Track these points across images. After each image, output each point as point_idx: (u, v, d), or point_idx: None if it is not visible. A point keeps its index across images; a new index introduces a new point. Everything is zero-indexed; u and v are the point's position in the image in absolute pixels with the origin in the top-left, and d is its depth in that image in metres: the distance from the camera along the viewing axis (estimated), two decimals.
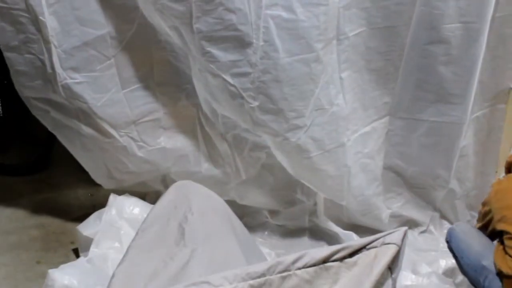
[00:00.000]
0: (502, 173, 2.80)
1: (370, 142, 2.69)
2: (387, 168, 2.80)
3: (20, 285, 2.60)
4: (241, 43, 2.28)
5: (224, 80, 2.35)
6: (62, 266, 2.31)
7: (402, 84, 2.58)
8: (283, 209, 2.95)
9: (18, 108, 3.36)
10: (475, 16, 2.39)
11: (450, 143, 2.67)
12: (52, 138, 3.38)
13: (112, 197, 2.71)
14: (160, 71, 2.60)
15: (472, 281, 2.30)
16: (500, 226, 2.18)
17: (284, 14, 2.24)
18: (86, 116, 2.54)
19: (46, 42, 2.31)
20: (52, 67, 2.36)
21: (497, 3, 2.41)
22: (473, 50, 2.46)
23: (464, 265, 2.31)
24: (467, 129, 2.65)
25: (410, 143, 2.69)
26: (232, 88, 2.37)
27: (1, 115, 3.31)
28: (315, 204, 2.90)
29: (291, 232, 2.95)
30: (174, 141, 2.75)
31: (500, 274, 2.12)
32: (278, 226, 2.97)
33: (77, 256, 2.67)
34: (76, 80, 2.39)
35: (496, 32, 2.49)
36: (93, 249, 2.47)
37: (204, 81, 2.46)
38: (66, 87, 2.40)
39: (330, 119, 2.50)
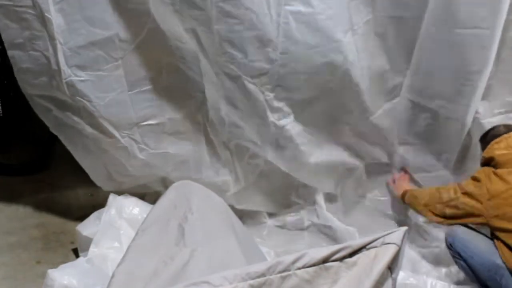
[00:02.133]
0: None
1: (386, 121, 2.74)
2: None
3: (20, 285, 2.60)
4: (261, 41, 2.31)
5: (245, 79, 2.39)
6: (61, 266, 2.31)
7: (414, 71, 2.59)
8: (280, 211, 2.97)
9: (18, 108, 3.37)
10: (487, 23, 2.37)
11: (452, 136, 2.69)
12: (52, 138, 3.38)
13: (112, 197, 2.71)
14: (168, 77, 2.59)
15: (485, 281, 2.31)
16: (497, 224, 2.23)
17: (302, 8, 2.28)
18: (89, 114, 2.53)
19: (52, 38, 2.30)
20: (57, 64, 2.35)
21: (511, 9, 2.36)
22: (483, 55, 2.44)
23: (476, 265, 2.31)
24: (474, 130, 2.64)
25: (416, 121, 2.72)
26: (251, 86, 2.41)
27: (1, 115, 3.31)
28: (313, 203, 2.92)
29: (289, 232, 2.96)
30: (177, 147, 2.75)
31: None
32: (276, 226, 2.98)
33: (77, 256, 2.67)
34: (80, 78, 2.39)
35: (503, 36, 2.43)
36: (92, 249, 2.47)
37: (220, 84, 2.47)
38: (70, 84, 2.39)
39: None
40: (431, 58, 2.54)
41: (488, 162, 2.37)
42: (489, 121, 2.63)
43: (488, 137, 2.44)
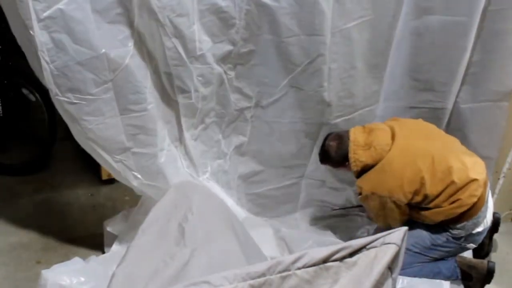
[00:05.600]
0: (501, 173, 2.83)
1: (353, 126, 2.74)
2: None
3: (20, 285, 2.61)
4: (225, 24, 2.35)
5: (215, 63, 2.44)
6: (54, 266, 2.31)
7: (390, 73, 2.65)
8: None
9: (18, 108, 3.37)
10: (464, 10, 2.45)
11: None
12: (52, 138, 3.38)
13: (144, 198, 2.69)
14: (158, 95, 2.48)
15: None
16: (416, 199, 2.29)
17: (268, 1, 2.30)
18: (79, 133, 2.38)
19: (37, 56, 2.14)
20: (45, 81, 2.20)
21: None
22: (461, 43, 2.53)
23: (441, 272, 2.43)
24: (452, 114, 2.75)
25: None
26: (219, 68, 2.46)
27: (1, 115, 3.31)
28: None
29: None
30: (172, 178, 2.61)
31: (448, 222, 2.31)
32: None
33: (77, 255, 2.66)
34: (68, 100, 2.23)
35: (488, 26, 2.52)
36: (116, 246, 2.52)
37: (202, 80, 2.48)
38: (58, 103, 2.26)
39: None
40: (409, 54, 2.60)
41: (364, 171, 2.38)
42: (470, 107, 2.72)
43: (337, 155, 2.43)
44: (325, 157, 2.49)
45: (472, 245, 2.40)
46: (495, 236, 2.74)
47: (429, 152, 2.28)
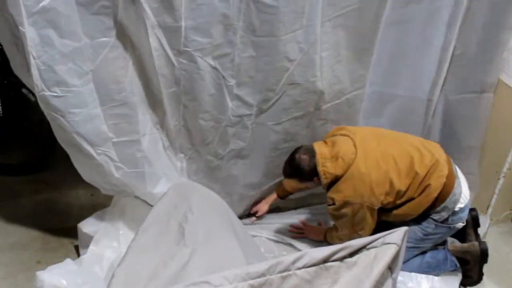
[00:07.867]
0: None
1: (342, 111, 2.78)
2: None
3: (20, 285, 2.60)
4: (224, 26, 2.33)
5: (208, 64, 2.40)
6: (50, 267, 2.31)
7: (377, 58, 2.67)
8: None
9: (18, 108, 3.36)
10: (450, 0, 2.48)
11: (418, 116, 2.78)
12: (52, 138, 3.38)
13: (117, 197, 2.70)
14: (140, 86, 2.47)
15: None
16: (388, 199, 2.36)
17: (266, 0, 2.30)
18: (62, 130, 2.39)
19: (26, 52, 2.15)
20: (31, 78, 2.21)
21: None
22: (447, 33, 2.56)
23: (440, 266, 2.51)
24: (438, 105, 2.77)
25: (381, 115, 2.79)
26: (214, 71, 2.43)
27: (1, 115, 3.31)
28: None
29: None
30: (155, 166, 2.62)
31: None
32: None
33: (78, 255, 2.67)
34: (54, 94, 2.24)
35: (474, 18, 2.53)
36: (92, 247, 2.48)
37: (185, 74, 2.44)
38: (43, 99, 2.26)
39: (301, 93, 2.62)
40: (394, 41, 2.62)
41: (333, 182, 2.38)
42: (457, 98, 2.74)
43: (309, 168, 2.39)
44: (296, 170, 2.44)
45: (460, 224, 2.44)
46: (494, 234, 2.74)
47: (387, 152, 2.35)
